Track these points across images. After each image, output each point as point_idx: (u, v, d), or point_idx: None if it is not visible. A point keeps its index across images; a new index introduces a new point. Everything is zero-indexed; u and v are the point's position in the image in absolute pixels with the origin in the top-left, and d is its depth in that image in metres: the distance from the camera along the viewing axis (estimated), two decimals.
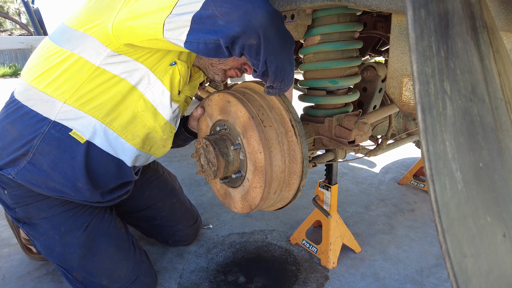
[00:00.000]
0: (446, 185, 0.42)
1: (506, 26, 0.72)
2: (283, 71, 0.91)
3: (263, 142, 0.94)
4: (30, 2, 3.12)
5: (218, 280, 1.40)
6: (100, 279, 1.20)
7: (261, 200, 1.00)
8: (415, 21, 0.42)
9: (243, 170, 1.04)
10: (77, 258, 1.16)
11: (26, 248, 1.56)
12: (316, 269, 1.45)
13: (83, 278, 1.20)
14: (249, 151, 0.99)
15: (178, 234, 1.58)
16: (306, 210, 1.94)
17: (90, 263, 1.18)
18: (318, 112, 1.21)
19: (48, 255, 1.19)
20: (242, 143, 1.01)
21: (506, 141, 0.52)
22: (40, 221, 1.14)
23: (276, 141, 0.98)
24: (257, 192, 1.00)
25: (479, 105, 0.48)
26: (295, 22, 1.06)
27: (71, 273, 1.21)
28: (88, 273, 1.19)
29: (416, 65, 0.42)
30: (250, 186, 1.03)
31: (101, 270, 1.20)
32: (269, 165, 0.95)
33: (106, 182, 1.13)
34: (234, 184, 1.10)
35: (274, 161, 0.97)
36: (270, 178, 0.97)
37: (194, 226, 1.62)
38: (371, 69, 1.38)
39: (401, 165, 2.62)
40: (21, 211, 1.13)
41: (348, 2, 0.91)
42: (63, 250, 1.16)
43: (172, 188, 1.59)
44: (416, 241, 1.65)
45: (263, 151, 0.94)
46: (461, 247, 0.42)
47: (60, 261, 1.18)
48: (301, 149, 1.00)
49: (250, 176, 1.01)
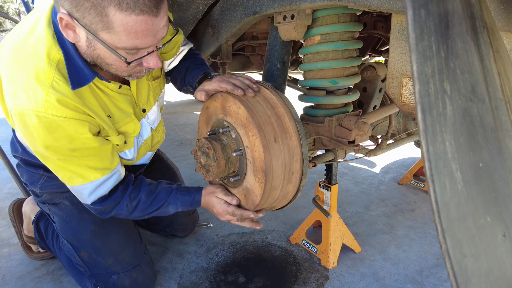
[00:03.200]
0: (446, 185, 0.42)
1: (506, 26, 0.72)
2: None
3: (262, 139, 0.94)
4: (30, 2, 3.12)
5: (218, 280, 1.40)
6: (105, 258, 1.26)
7: (261, 199, 1.00)
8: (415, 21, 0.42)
9: (243, 170, 1.04)
10: (89, 234, 1.25)
11: (26, 247, 1.57)
12: (316, 269, 1.45)
13: (89, 257, 1.26)
14: (249, 149, 0.99)
15: (177, 221, 1.61)
16: (306, 210, 1.94)
17: (100, 241, 1.26)
18: (318, 112, 1.21)
19: (63, 229, 1.27)
20: (242, 142, 1.01)
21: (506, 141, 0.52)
22: (62, 200, 1.28)
23: (275, 139, 0.98)
24: (257, 191, 1.00)
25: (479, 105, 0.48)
26: (295, 22, 1.06)
27: (79, 251, 1.27)
28: (96, 250, 1.26)
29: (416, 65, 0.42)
30: (250, 185, 1.03)
31: (109, 249, 1.27)
32: (269, 163, 0.95)
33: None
34: (235, 184, 1.10)
35: (274, 159, 0.97)
36: (270, 176, 0.97)
37: (192, 216, 1.66)
38: (371, 69, 1.38)
39: (401, 165, 2.62)
40: (47, 195, 1.28)
41: (348, 2, 0.91)
42: (78, 224, 1.25)
43: (174, 175, 1.66)
44: (416, 241, 1.65)
45: (263, 149, 0.94)
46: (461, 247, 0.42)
47: (73, 234, 1.26)
48: (301, 149, 1.00)
49: (250, 175, 1.01)
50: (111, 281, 1.27)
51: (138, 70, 0.98)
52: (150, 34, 0.84)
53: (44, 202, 1.30)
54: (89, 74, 0.95)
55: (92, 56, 0.91)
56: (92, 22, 0.79)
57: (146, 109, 1.22)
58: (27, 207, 1.57)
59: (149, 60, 0.92)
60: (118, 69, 0.94)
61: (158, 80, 1.26)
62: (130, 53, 0.87)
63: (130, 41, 0.83)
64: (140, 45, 0.85)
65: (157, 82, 1.25)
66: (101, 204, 1.11)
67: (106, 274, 1.26)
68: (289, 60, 1.25)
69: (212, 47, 1.49)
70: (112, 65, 0.92)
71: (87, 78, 0.95)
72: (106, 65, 0.92)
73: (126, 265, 1.28)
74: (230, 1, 1.28)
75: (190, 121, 4.13)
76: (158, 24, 0.84)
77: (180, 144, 3.24)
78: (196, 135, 2.81)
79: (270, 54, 1.24)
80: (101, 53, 0.88)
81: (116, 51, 0.85)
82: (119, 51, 0.85)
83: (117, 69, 0.94)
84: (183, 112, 4.61)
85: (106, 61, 0.91)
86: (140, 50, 0.88)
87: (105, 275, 1.27)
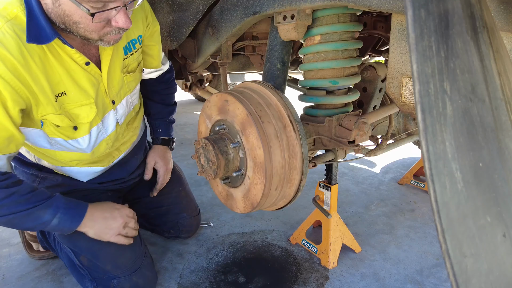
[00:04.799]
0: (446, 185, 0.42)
1: (506, 26, 0.72)
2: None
3: (261, 137, 0.94)
4: None
5: (218, 280, 1.40)
6: (104, 264, 1.24)
7: (262, 197, 1.00)
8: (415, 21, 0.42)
9: (244, 168, 1.04)
10: (85, 239, 1.22)
11: (27, 245, 1.57)
12: (316, 269, 1.45)
13: (88, 262, 1.25)
14: (248, 147, 0.99)
15: (182, 223, 1.61)
16: (306, 210, 1.94)
17: (97, 246, 1.23)
18: (318, 112, 1.21)
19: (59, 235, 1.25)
20: (241, 140, 1.01)
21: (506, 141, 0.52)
22: None
23: (275, 137, 0.98)
24: (258, 189, 1.00)
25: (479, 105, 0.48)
26: (295, 22, 1.06)
27: (78, 256, 1.25)
28: (95, 256, 1.24)
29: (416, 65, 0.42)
30: (251, 184, 1.03)
31: (107, 254, 1.24)
32: (268, 160, 0.95)
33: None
34: (235, 184, 1.10)
35: (274, 157, 0.97)
36: (270, 173, 0.97)
37: (196, 217, 1.67)
38: (371, 69, 1.38)
39: (401, 165, 2.62)
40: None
41: (348, 2, 0.91)
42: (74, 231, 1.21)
43: (179, 177, 1.68)
44: (416, 241, 1.65)
45: (262, 147, 0.94)
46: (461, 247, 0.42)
47: (69, 241, 1.24)
48: (301, 149, 1.00)
49: (251, 173, 1.01)
50: (111, 285, 1.25)
51: (108, 32, 0.92)
52: None
53: None
54: (50, 34, 0.89)
55: (59, 14, 0.86)
56: None
57: (115, 101, 1.19)
58: None
59: (117, 18, 0.88)
60: (86, 28, 0.88)
61: (133, 75, 1.24)
62: (95, 8, 0.83)
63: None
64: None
65: (132, 76, 1.23)
66: None
67: (106, 278, 1.25)
68: (289, 60, 1.25)
69: (212, 47, 1.50)
70: (79, 24, 0.87)
71: (47, 37, 0.89)
72: (74, 24, 0.87)
73: (125, 269, 1.26)
74: (230, 1, 1.28)
75: (190, 121, 4.13)
76: None
77: (180, 144, 3.24)
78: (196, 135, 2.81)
79: (270, 54, 1.24)
80: (67, 8, 0.84)
81: (80, 3, 0.81)
82: (84, 3, 0.81)
83: (85, 29, 0.88)
84: (183, 112, 4.61)
85: (73, 18, 0.86)
86: (107, 4, 0.84)
87: (105, 279, 1.25)
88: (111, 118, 1.21)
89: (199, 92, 3.02)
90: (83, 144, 1.15)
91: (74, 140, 1.12)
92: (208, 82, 3.62)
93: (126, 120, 1.32)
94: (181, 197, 1.63)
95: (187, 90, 2.97)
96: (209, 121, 1.16)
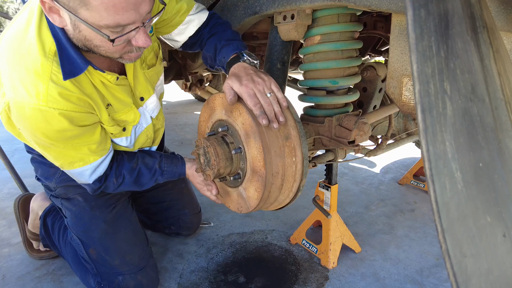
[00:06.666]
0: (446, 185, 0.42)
1: (506, 26, 0.72)
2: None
3: (262, 140, 0.94)
4: None
5: (218, 280, 1.40)
6: (113, 258, 1.27)
7: (261, 200, 1.00)
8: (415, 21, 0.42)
9: (243, 170, 1.04)
10: (100, 231, 1.27)
11: (28, 243, 1.57)
12: (316, 269, 1.45)
13: (97, 255, 1.27)
14: (248, 150, 0.99)
15: (183, 219, 1.62)
16: (306, 210, 1.94)
17: (110, 239, 1.27)
18: (318, 112, 1.21)
19: (75, 224, 1.29)
20: (242, 142, 1.01)
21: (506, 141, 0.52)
22: (75, 196, 1.29)
23: (275, 139, 0.98)
24: (257, 190, 1.00)
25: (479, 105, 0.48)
26: (295, 22, 1.06)
27: (88, 248, 1.28)
28: (105, 249, 1.27)
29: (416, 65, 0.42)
30: (249, 185, 1.03)
31: (117, 248, 1.28)
32: (269, 162, 0.95)
33: None
34: (234, 184, 1.10)
35: (274, 159, 0.97)
36: (270, 175, 0.97)
37: (198, 215, 1.68)
38: (371, 69, 1.38)
39: (401, 165, 2.62)
40: (61, 189, 1.30)
41: (348, 2, 0.91)
42: (90, 222, 1.27)
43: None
44: (416, 241, 1.65)
45: (263, 150, 0.94)
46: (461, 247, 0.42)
47: (84, 231, 1.28)
48: (301, 149, 1.00)
49: (250, 175, 1.01)
50: (116, 281, 1.27)
51: (129, 50, 0.93)
52: (131, 8, 0.79)
53: (57, 196, 1.32)
54: (81, 64, 0.93)
55: (80, 39, 0.88)
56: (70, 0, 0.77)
57: (144, 97, 1.21)
58: (35, 204, 1.58)
59: (137, 38, 0.88)
60: (107, 50, 0.90)
61: (154, 68, 1.23)
62: (115, 32, 0.84)
63: (110, 17, 0.78)
64: (123, 21, 0.80)
65: (153, 70, 1.23)
66: (100, 181, 1.16)
67: (112, 274, 1.27)
68: (289, 60, 1.25)
69: None
70: (100, 47, 0.89)
71: (80, 67, 0.93)
72: (95, 47, 0.89)
73: (132, 266, 1.28)
74: (230, 1, 1.28)
75: (190, 121, 4.13)
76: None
77: (180, 144, 3.24)
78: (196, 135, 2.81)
79: (270, 54, 1.24)
80: (87, 34, 0.85)
81: (99, 30, 0.82)
82: (103, 30, 0.82)
83: (106, 51, 0.90)
84: (183, 112, 4.61)
85: (94, 42, 0.87)
86: (125, 28, 0.84)
87: (111, 274, 1.27)
88: (143, 113, 1.23)
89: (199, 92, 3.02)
90: (125, 142, 1.21)
91: (118, 139, 1.19)
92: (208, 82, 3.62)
93: (158, 111, 1.34)
94: (183, 194, 1.64)
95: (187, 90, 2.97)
96: (210, 120, 1.15)
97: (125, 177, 1.20)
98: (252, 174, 0.99)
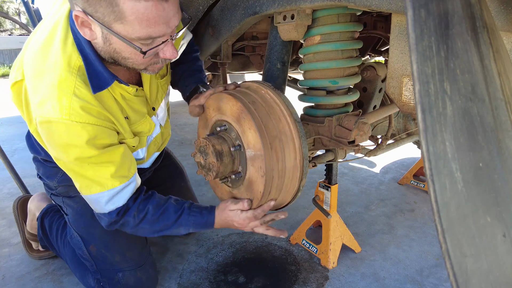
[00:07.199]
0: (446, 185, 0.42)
1: (506, 26, 0.72)
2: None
3: (261, 136, 0.94)
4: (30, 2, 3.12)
5: (218, 280, 1.40)
6: (113, 254, 1.28)
7: (262, 196, 1.00)
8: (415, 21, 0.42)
9: (244, 168, 1.04)
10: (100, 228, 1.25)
11: (27, 244, 1.57)
12: (316, 269, 1.45)
13: (97, 251, 1.28)
14: (249, 146, 0.99)
15: None
16: (306, 210, 1.94)
17: (111, 236, 1.28)
18: (318, 112, 1.21)
19: (76, 221, 1.29)
20: (241, 138, 1.01)
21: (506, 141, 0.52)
22: (77, 194, 1.25)
23: (275, 139, 0.98)
24: (259, 188, 1.00)
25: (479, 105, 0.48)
26: (295, 22, 1.06)
27: (88, 245, 1.28)
28: (105, 245, 1.28)
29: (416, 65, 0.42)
30: (251, 183, 1.02)
31: (117, 245, 1.28)
32: (269, 160, 0.95)
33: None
34: (236, 184, 1.10)
35: (274, 158, 0.97)
36: (270, 174, 0.97)
37: None
38: (371, 69, 1.38)
39: (401, 165, 2.62)
40: (62, 188, 1.30)
41: (348, 2, 0.91)
42: (92, 218, 1.24)
43: (181, 172, 1.70)
44: (416, 241, 1.65)
45: (262, 146, 0.94)
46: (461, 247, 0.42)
47: (85, 227, 1.28)
48: (301, 149, 1.00)
49: (250, 172, 1.01)
50: (116, 278, 1.28)
51: (155, 62, 0.97)
52: (162, 21, 0.84)
53: (58, 194, 1.32)
54: (108, 78, 0.97)
55: (109, 52, 0.91)
56: (105, 14, 0.80)
57: (155, 107, 1.23)
58: (32, 205, 1.58)
59: (165, 51, 0.93)
60: (135, 62, 0.93)
61: (166, 78, 1.27)
62: (145, 44, 0.87)
63: (143, 30, 0.83)
64: (154, 34, 0.85)
65: (164, 80, 1.26)
66: (118, 215, 1.10)
67: (112, 271, 1.28)
68: (289, 60, 1.25)
69: (212, 47, 1.49)
70: (128, 59, 0.92)
71: (107, 81, 0.97)
72: (123, 59, 0.93)
73: (132, 263, 1.29)
74: (230, 1, 1.28)
75: (190, 121, 4.13)
76: (169, 10, 0.84)
77: (180, 144, 3.24)
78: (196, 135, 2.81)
79: (270, 54, 1.23)
80: (117, 46, 0.89)
81: (131, 43, 0.85)
82: (134, 42, 0.86)
83: (134, 62, 0.94)
84: (183, 112, 4.61)
85: (123, 54, 0.91)
86: (155, 40, 0.88)
87: (110, 271, 1.28)
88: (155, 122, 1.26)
89: None
90: (141, 154, 1.23)
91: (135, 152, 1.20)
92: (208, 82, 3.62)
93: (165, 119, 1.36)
94: (182, 193, 1.64)
95: None
96: (208, 121, 1.15)
97: (148, 212, 1.12)
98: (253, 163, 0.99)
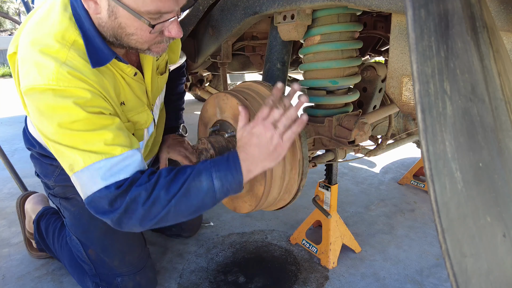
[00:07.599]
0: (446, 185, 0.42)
1: (506, 26, 0.72)
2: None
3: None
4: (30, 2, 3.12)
5: (218, 280, 1.40)
6: (112, 259, 1.26)
7: (262, 197, 1.00)
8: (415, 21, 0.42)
9: None
10: (99, 232, 1.25)
11: (28, 242, 1.58)
12: (316, 269, 1.45)
13: (96, 255, 1.26)
14: None
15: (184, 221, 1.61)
16: (306, 210, 1.94)
17: (109, 240, 1.26)
18: (318, 112, 1.21)
19: (74, 225, 1.27)
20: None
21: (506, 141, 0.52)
22: (74, 196, 1.26)
23: None
24: (259, 184, 1.00)
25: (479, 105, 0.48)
26: (295, 22, 1.06)
27: (87, 249, 1.27)
28: (104, 249, 1.26)
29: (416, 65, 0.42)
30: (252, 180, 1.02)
31: (116, 249, 1.26)
32: None
33: None
34: None
35: None
36: (270, 170, 0.97)
37: (199, 216, 1.68)
38: (371, 69, 1.38)
39: (401, 165, 2.62)
40: (59, 189, 1.28)
41: (348, 2, 0.91)
42: (89, 222, 1.25)
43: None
44: (416, 241, 1.65)
45: None
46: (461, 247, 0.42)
47: (83, 231, 1.26)
48: (301, 149, 1.00)
49: None
50: (114, 282, 1.26)
51: (159, 41, 0.95)
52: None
53: (56, 195, 1.30)
54: (108, 54, 0.93)
55: (112, 27, 0.89)
56: None
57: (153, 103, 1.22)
58: (29, 206, 1.58)
59: (171, 28, 0.91)
60: (139, 39, 0.91)
61: (164, 76, 1.26)
62: (153, 19, 0.86)
63: (154, 3, 0.82)
64: (163, 8, 0.84)
65: (163, 77, 1.25)
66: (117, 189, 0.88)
67: (111, 275, 1.26)
68: (289, 60, 1.25)
69: (212, 47, 1.50)
70: (133, 35, 0.90)
71: (106, 57, 0.93)
72: (126, 36, 0.90)
73: (131, 267, 1.28)
74: (230, 1, 1.28)
75: (190, 121, 4.13)
76: None
77: None
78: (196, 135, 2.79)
79: (270, 54, 1.24)
80: (123, 21, 0.87)
81: (140, 15, 0.84)
82: (142, 15, 0.85)
83: (138, 40, 0.91)
84: None
85: (128, 30, 0.89)
86: (162, 16, 0.87)
87: (109, 275, 1.27)
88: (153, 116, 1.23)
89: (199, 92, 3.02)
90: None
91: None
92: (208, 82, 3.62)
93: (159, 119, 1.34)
94: None
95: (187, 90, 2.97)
96: (209, 122, 1.15)
97: (161, 175, 0.90)
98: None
